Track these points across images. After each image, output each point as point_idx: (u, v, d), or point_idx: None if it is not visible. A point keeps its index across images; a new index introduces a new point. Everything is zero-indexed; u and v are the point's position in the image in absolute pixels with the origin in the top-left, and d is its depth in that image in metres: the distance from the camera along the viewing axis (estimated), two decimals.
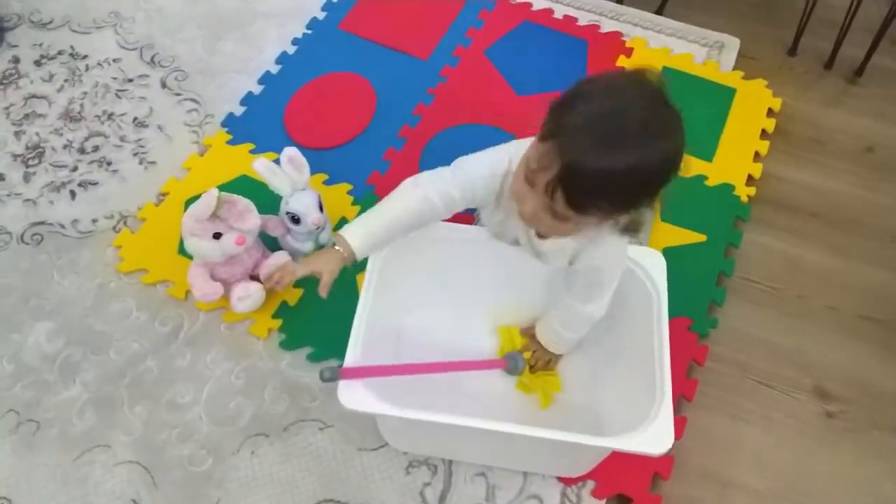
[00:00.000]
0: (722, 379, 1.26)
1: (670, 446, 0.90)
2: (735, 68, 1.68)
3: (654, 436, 0.91)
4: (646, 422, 0.91)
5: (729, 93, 1.62)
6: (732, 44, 1.73)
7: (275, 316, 1.29)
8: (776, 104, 1.62)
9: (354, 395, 0.93)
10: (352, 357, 0.96)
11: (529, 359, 1.18)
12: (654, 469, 1.15)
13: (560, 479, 1.14)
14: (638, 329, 1.04)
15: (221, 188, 1.19)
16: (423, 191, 1.00)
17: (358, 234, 1.02)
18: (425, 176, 1.02)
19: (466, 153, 1.08)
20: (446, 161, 1.58)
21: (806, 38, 1.73)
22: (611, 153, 0.78)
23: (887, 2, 1.64)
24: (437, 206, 1.00)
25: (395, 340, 1.20)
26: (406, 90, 1.62)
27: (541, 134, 0.85)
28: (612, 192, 0.82)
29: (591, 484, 1.14)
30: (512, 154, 0.96)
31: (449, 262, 1.15)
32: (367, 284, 1.04)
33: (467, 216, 1.35)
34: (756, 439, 1.21)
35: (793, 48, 1.74)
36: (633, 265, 1.05)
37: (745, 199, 1.46)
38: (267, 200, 1.26)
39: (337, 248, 1.02)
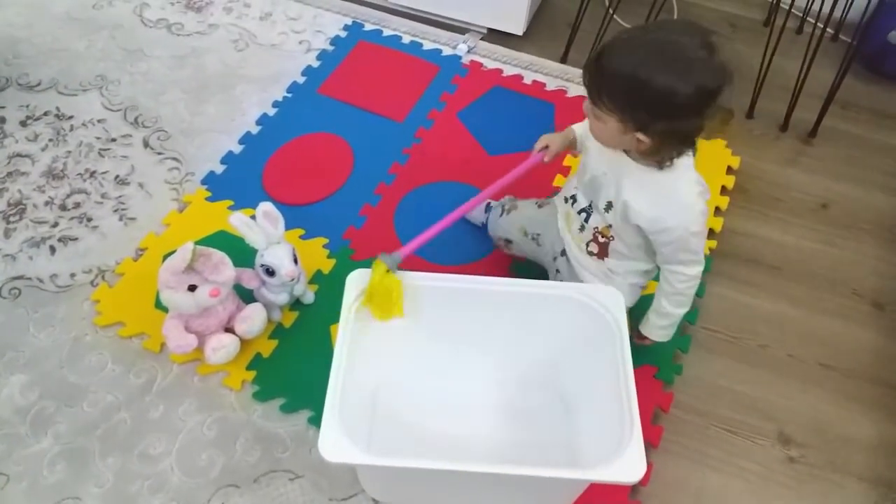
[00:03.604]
0: (686, 426, 1.29)
1: (643, 474, 0.92)
2: None
3: (626, 465, 0.93)
4: (617, 452, 0.94)
5: None
6: None
7: (248, 367, 1.31)
8: (735, 162, 1.70)
9: (335, 447, 0.94)
10: (330, 418, 0.96)
11: None
12: None
13: None
14: (604, 364, 1.07)
15: (199, 243, 1.22)
16: None
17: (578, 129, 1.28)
18: None
19: (440, 209, 1.18)
20: (421, 216, 1.63)
21: (762, 103, 1.83)
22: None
23: (833, 69, 1.75)
24: None
25: (371, 398, 1.21)
26: (382, 150, 1.68)
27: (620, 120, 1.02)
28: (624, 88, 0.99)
29: None
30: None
31: (421, 310, 1.17)
32: (341, 339, 1.05)
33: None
34: (721, 485, 1.23)
35: (750, 111, 1.84)
36: (593, 302, 1.10)
37: (706, 252, 1.52)
38: (243, 254, 1.30)
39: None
